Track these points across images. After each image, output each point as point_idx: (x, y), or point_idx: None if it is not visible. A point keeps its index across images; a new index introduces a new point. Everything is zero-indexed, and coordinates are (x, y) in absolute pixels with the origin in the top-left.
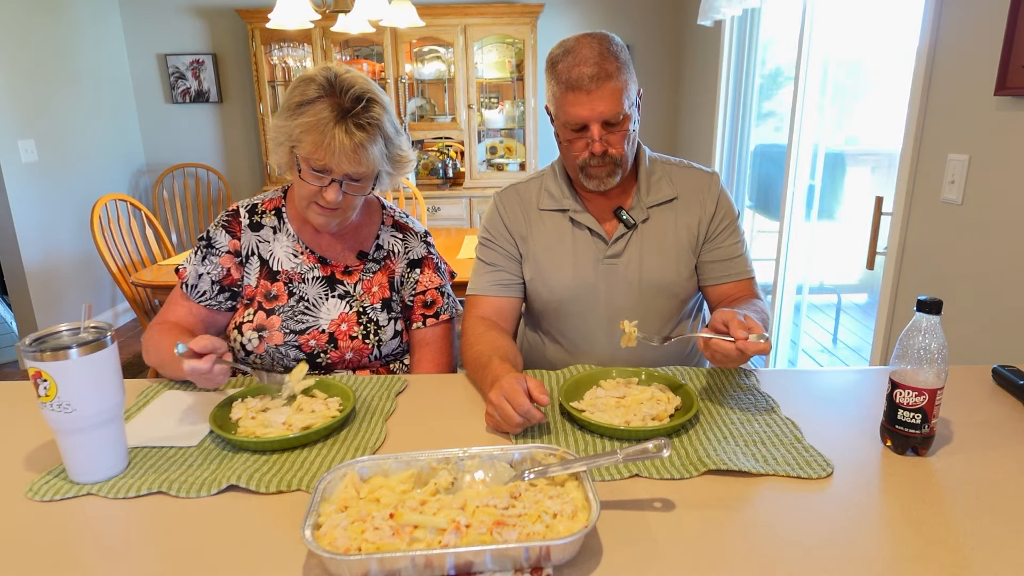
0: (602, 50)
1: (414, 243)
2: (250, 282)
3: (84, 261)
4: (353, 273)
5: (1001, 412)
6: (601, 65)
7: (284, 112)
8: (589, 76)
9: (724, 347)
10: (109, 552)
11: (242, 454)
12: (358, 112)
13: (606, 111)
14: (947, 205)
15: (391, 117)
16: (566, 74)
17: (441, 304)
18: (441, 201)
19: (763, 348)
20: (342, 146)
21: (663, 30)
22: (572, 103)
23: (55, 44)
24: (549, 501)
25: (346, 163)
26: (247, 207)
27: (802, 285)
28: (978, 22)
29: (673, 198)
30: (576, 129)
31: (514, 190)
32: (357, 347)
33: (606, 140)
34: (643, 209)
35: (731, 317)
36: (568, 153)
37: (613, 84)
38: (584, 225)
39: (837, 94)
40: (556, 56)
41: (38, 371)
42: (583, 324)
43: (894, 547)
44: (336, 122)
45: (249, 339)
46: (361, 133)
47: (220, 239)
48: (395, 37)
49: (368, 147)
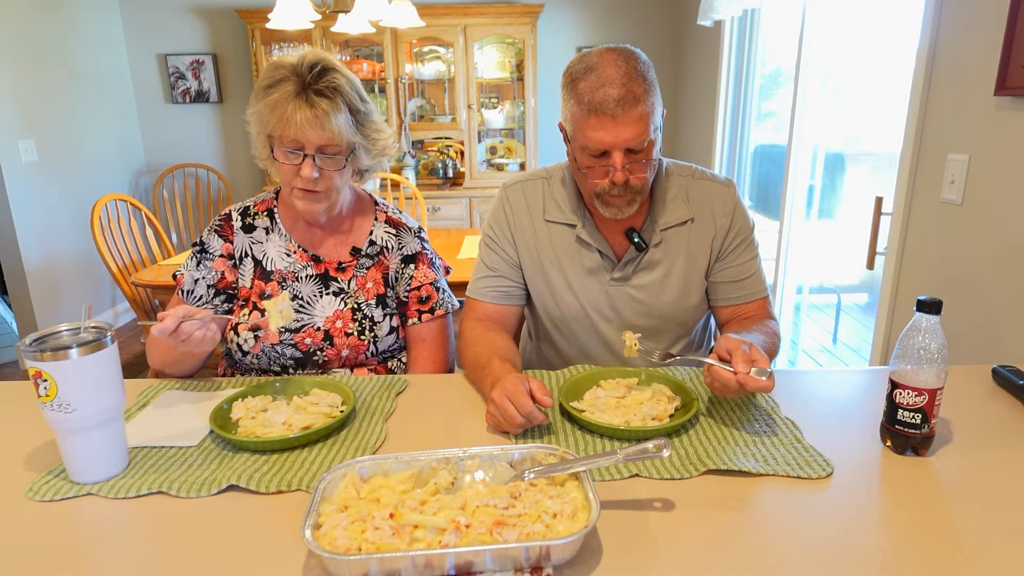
0: (629, 70)
1: (407, 239)
2: (245, 283)
3: (84, 261)
4: (347, 270)
5: (1001, 412)
6: (628, 87)
7: (254, 98)
8: (615, 100)
9: (724, 376)
10: (109, 552)
11: (242, 454)
12: (316, 80)
13: (631, 138)
14: (947, 205)
15: (356, 88)
16: (589, 95)
17: (436, 299)
18: (441, 201)
19: (765, 386)
20: (305, 116)
21: (663, 30)
22: (595, 127)
23: (55, 44)
24: (549, 501)
25: (311, 132)
26: (239, 210)
27: (802, 285)
28: (978, 22)
29: (688, 220)
30: (596, 155)
31: (520, 189)
32: (353, 344)
33: (628, 168)
34: (656, 231)
35: (736, 347)
36: (585, 180)
37: (640, 109)
38: (593, 245)
39: (837, 94)
40: (577, 73)
41: (38, 371)
42: (586, 340)
43: (894, 547)
44: (297, 94)
45: (245, 339)
46: (322, 99)
47: (213, 244)
48: (395, 37)
49: (332, 114)
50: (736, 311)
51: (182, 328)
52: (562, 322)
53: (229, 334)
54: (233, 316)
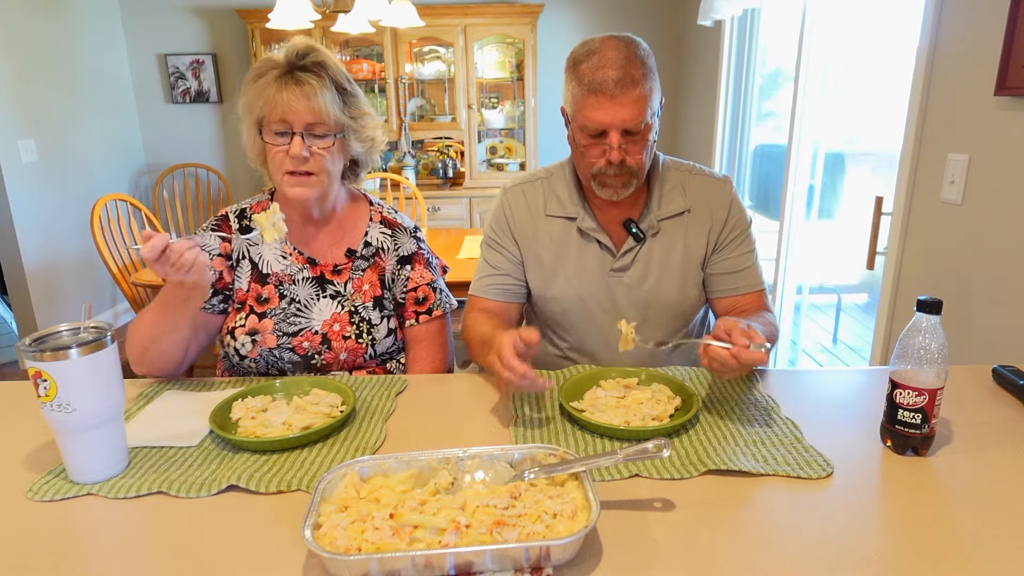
0: (629, 54)
1: (403, 239)
2: (241, 286)
3: (84, 261)
4: (343, 272)
5: (1001, 412)
6: (627, 70)
7: (244, 89)
8: (614, 80)
9: (721, 355)
10: (109, 552)
11: (242, 454)
12: (301, 59)
13: (628, 119)
14: (947, 205)
15: (341, 69)
16: (589, 76)
17: (433, 300)
18: (441, 201)
19: (760, 358)
20: (292, 93)
21: (663, 30)
22: (593, 107)
23: (55, 44)
24: (549, 501)
25: (299, 106)
26: (235, 211)
27: (802, 285)
28: (978, 22)
29: (685, 211)
30: (594, 135)
31: (520, 191)
32: (351, 347)
33: (625, 149)
34: (654, 222)
35: (734, 325)
36: (583, 159)
37: (638, 91)
38: (592, 236)
39: (837, 94)
40: (579, 56)
41: (38, 371)
42: (584, 332)
43: (894, 547)
44: (283, 74)
45: (242, 343)
46: (308, 76)
47: (210, 242)
48: (395, 37)
49: (319, 90)
50: (734, 303)
51: (171, 248)
52: (561, 315)
53: (226, 338)
54: (228, 320)
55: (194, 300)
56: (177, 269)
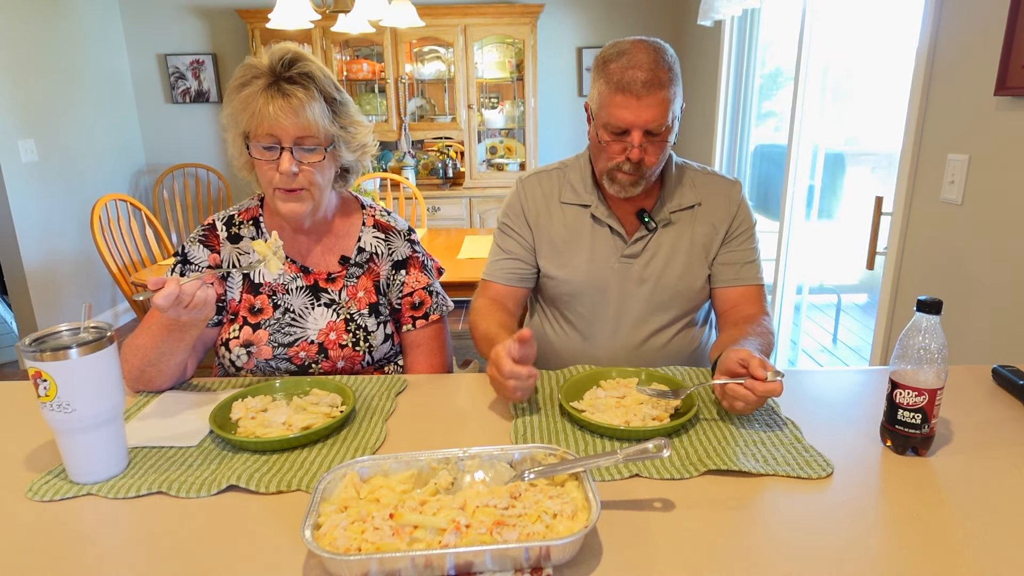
0: (657, 58)
1: (397, 243)
2: (233, 296)
3: (84, 261)
4: (337, 280)
5: (1001, 412)
6: (655, 72)
7: (227, 99)
8: (642, 81)
9: (741, 392)
10: (109, 552)
11: (242, 454)
12: (287, 70)
13: (651, 120)
14: (947, 205)
15: (329, 77)
16: (618, 75)
17: (430, 304)
18: (441, 201)
19: (774, 388)
20: (279, 106)
21: (663, 30)
22: (620, 105)
23: (55, 44)
24: (549, 501)
25: (287, 121)
26: (223, 219)
27: (802, 285)
28: (978, 22)
29: (696, 204)
30: (617, 132)
31: (536, 180)
32: (348, 355)
33: (644, 148)
34: (666, 213)
35: (748, 356)
36: (602, 154)
37: (663, 94)
38: (604, 222)
39: (837, 94)
40: (609, 56)
41: (38, 371)
42: (592, 317)
43: (894, 547)
44: (269, 86)
45: (237, 355)
46: (295, 88)
47: (198, 254)
48: (395, 37)
49: (307, 103)
50: (733, 296)
51: (184, 290)
52: (570, 297)
53: (220, 350)
54: (222, 331)
55: (198, 326)
56: (190, 310)
